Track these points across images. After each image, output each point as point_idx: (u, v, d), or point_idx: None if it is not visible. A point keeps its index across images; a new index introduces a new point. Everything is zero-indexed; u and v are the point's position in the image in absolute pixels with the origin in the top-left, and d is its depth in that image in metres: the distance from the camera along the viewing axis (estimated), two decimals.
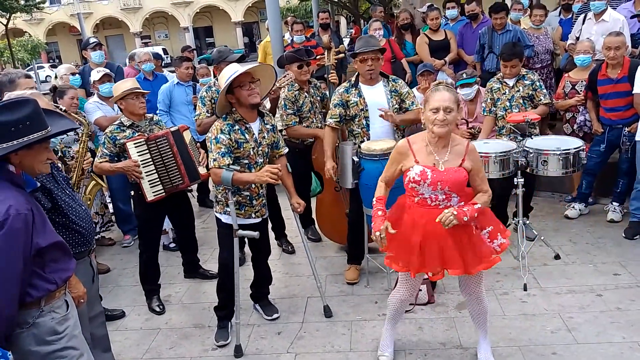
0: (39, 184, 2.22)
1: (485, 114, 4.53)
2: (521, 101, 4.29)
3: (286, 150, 3.53)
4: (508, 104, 4.32)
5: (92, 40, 5.84)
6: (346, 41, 12.49)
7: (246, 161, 3.20)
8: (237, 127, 3.15)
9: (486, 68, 5.89)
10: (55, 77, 5.48)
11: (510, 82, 4.34)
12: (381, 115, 3.67)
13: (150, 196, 3.67)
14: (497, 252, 2.75)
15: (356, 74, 3.87)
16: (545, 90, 4.39)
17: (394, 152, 2.82)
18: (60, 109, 4.03)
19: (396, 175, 2.83)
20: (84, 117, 4.62)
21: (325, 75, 4.57)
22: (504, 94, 4.35)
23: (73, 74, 5.40)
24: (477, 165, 2.73)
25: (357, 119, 3.80)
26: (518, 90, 4.30)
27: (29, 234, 2.01)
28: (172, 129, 3.86)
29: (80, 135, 4.12)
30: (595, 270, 3.91)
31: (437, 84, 2.71)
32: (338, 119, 3.82)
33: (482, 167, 2.81)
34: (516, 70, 4.30)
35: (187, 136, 3.90)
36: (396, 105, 3.81)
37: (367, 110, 3.77)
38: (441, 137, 2.64)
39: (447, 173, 2.62)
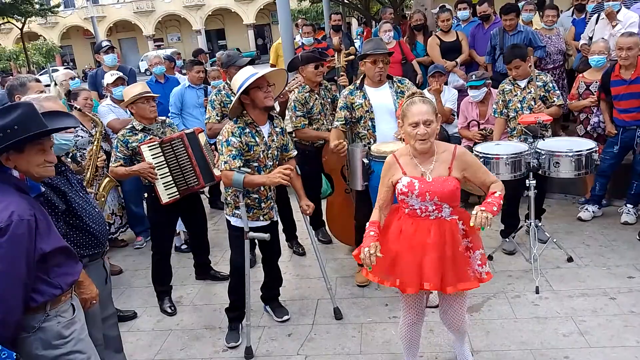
0: (43, 189, 2.22)
1: (496, 115, 4.51)
2: (533, 103, 4.25)
3: (295, 152, 3.54)
4: (519, 105, 4.29)
5: (104, 43, 5.91)
6: (358, 43, 12.48)
7: (256, 164, 3.22)
8: (247, 130, 3.17)
9: (497, 69, 5.86)
10: (55, 84, 5.48)
11: (522, 84, 4.31)
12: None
13: (165, 198, 3.70)
14: (481, 280, 2.63)
15: (362, 76, 3.88)
16: (558, 92, 4.36)
17: (383, 169, 2.73)
18: (76, 108, 4.11)
19: (390, 196, 2.71)
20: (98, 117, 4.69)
21: (335, 78, 4.58)
22: (516, 95, 4.32)
23: (72, 78, 5.44)
24: (472, 165, 2.63)
25: (362, 121, 3.81)
26: (529, 92, 4.27)
27: (32, 240, 2.02)
28: (187, 131, 3.89)
29: (94, 134, 4.17)
30: (609, 273, 3.87)
31: (410, 96, 2.60)
32: (344, 122, 3.83)
33: (479, 164, 2.69)
34: (522, 70, 4.26)
35: (202, 138, 3.93)
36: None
37: (372, 111, 3.78)
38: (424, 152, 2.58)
39: (435, 183, 2.54)
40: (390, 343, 3.30)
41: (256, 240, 3.56)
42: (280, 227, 4.22)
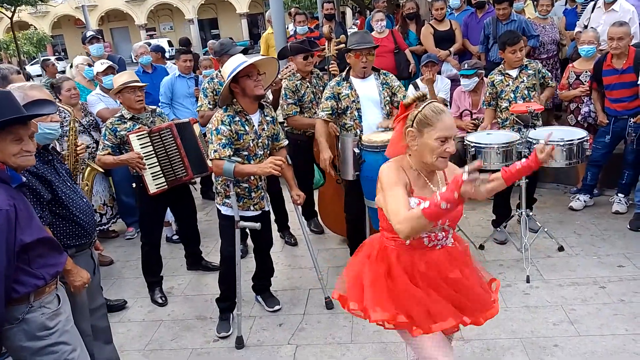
0: (24, 179, 2.17)
1: (484, 107, 4.49)
2: (526, 92, 4.23)
3: (286, 142, 3.52)
4: (512, 95, 4.27)
5: (88, 34, 5.86)
6: (351, 32, 12.42)
7: (246, 153, 3.19)
8: (237, 118, 3.15)
9: (491, 59, 5.83)
10: (71, 65, 5.54)
11: (513, 73, 4.29)
12: (380, 125, 3.70)
13: (152, 189, 3.67)
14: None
15: (347, 68, 3.87)
16: (549, 74, 4.42)
17: (391, 173, 2.09)
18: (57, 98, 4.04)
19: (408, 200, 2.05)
20: (85, 107, 4.66)
21: (326, 67, 4.55)
22: (508, 85, 4.30)
23: (90, 65, 5.43)
24: (454, 171, 2.20)
25: (349, 112, 3.80)
26: (522, 81, 4.25)
27: (11, 230, 1.98)
28: (181, 121, 3.86)
29: (68, 123, 4.08)
30: (600, 263, 3.88)
31: (422, 98, 2.08)
32: (330, 112, 3.81)
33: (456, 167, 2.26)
34: (523, 53, 4.25)
35: (196, 129, 3.91)
36: (387, 98, 3.82)
37: (358, 102, 3.77)
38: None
39: None
40: (381, 332, 3.29)
41: (248, 230, 3.55)
42: (273, 217, 4.21)
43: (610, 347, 2.98)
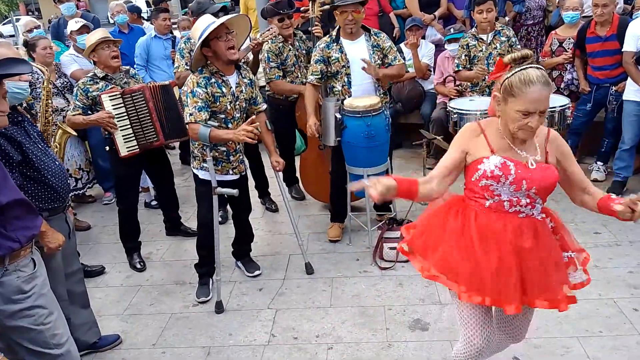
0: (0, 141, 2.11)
1: (459, 69, 4.44)
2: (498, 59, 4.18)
3: (264, 106, 3.44)
4: (486, 62, 4.21)
5: None
6: None
7: (223, 116, 3.11)
8: (213, 80, 3.05)
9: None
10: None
11: (487, 38, 4.22)
12: (363, 68, 3.58)
13: (123, 151, 3.58)
14: (574, 287, 2.11)
15: (337, 28, 3.74)
16: (519, 47, 4.32)
17: (461, 134, 2.07)
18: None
19: (452, 169, 2.04)
20: (58, 68, 4.48)
21: (310, 28, 4.43)
22: (481, 51, 4.24)
23: (30, 30, 5.15)
24: (568, 156, 2.05)
25: (339, 76, 3.69)
26: (495, 48, 4.20)
27: None
28: (158, 84, 3.75)
29: (42, 83, 3.94)
30: (576, 229, 3.93)
31: (519, 60, 1.90)
32: (319, 76, 3.70)
33: (572, 155, 2.08)
34: (491, 16, 4.17)
35: (177, 92, 3.79)
36: (378, 61, 3.70)
37: (348, 67, 3.66)
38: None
39: (537, 171, 1.96)
40: (360, 296, 3.33)
41: (226, 196, 3.50)
42: (253, 183, 4.16)
43: (583, 310, 3.04)
